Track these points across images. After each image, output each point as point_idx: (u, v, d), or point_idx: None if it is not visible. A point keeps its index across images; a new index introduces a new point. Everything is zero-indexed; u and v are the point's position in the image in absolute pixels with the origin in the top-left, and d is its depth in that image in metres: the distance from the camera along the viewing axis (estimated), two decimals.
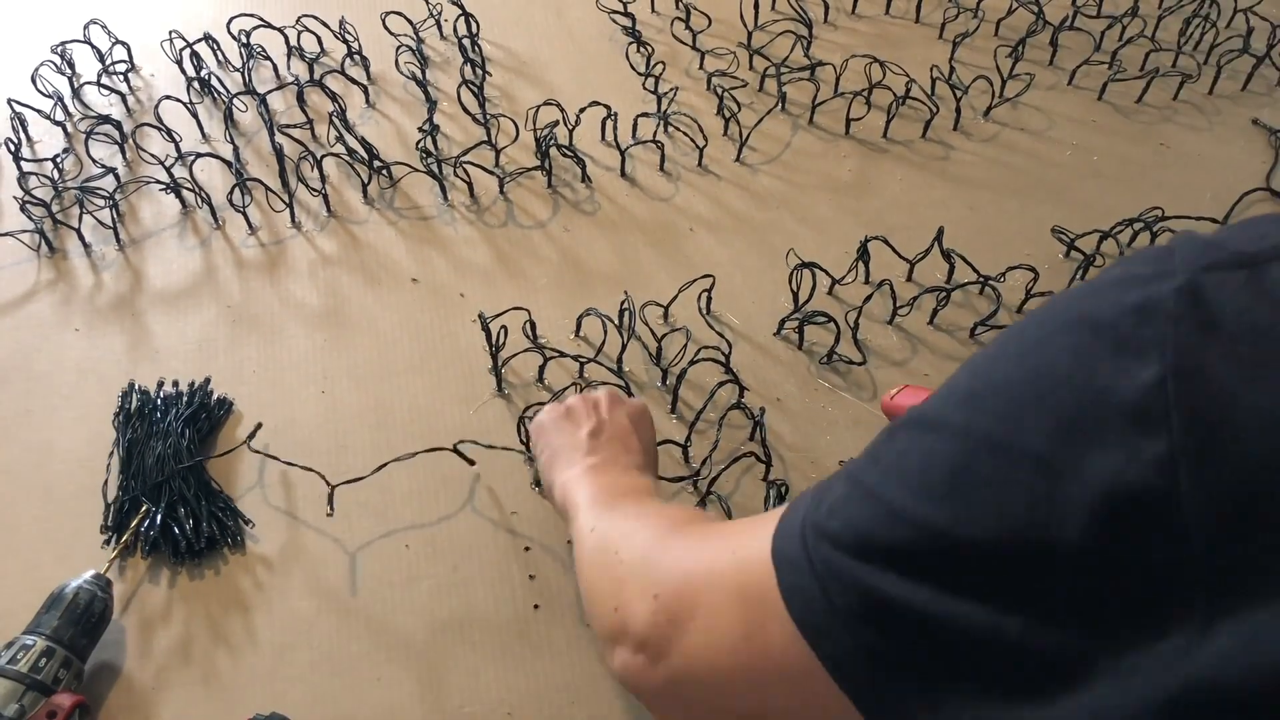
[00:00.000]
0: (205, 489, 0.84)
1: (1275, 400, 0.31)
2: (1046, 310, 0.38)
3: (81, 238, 1.05)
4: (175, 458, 0.85)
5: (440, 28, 1.31)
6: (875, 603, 0.36)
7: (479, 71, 1.23)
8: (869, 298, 0.98)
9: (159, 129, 1.14)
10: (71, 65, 1.24)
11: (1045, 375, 0.35)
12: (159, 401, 0.90)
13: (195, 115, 1.17)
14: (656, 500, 0.65)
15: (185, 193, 1.08)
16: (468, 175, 1.09)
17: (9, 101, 1.16)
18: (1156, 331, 0.33)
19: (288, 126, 1.15)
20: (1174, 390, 0.31)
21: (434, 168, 1.10)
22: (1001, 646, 0.33)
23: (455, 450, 0.84)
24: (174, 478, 0.83)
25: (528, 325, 0.94)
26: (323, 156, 1.08)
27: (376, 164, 1.09)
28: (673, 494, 0.83)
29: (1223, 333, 0.32)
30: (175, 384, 0.92)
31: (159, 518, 0.81)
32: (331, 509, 0.82)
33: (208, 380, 0.92)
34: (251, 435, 0.85)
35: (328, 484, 0.82)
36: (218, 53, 1.25)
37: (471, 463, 0.85)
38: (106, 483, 0.85)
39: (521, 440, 0.86)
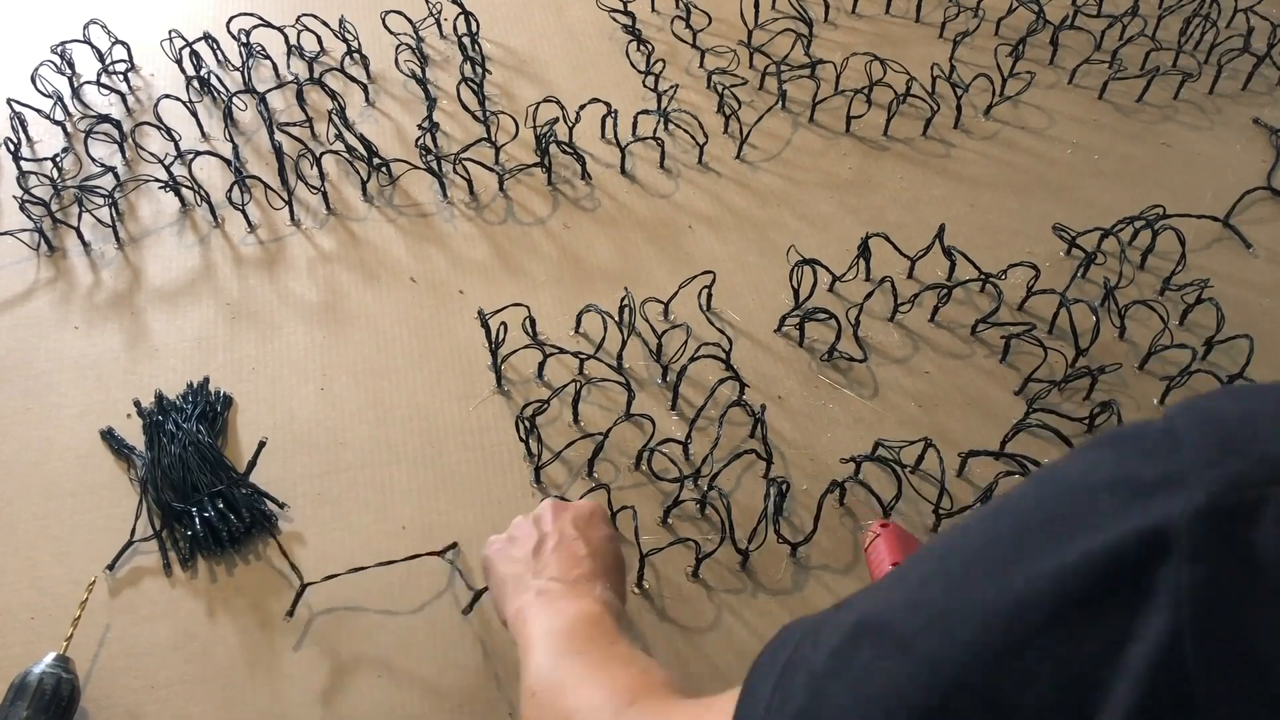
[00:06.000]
0: (231, 479, 0.83)
1: None
2: (1031, 503, 0.32)
3: (81, 236, 1.04)
4: (200, 456, 0.84)
5: (440, 27, 1.31)
6: None
7: (479, 70, 1.23)
8: (870, 295, 0.98)
9: (158, 128, 1.14)
10: (71, 65, 1.24)
11: (1024, 614, 0.30)
12: (164, 409, 0.89)
13: (195, 114, 1.17)
14: (612, 636, 0.59)
15: (184, 191, 1.08)
16: (467, 172, 1.09)
17: (9, 101, 1.16)
18: (1167, 574, 0.27)
19: (287, 125, 1.15)
20: (1194, 653, 0.26)
21: (433, 165, 1.10)
22: None
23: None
24: (201, 473, 0.83)
25: (527, 322, 0.94)
26: (322, 154, 1.08)
27: (376, 161, 1.09)
28: (672, 493, 0.83)
29: (1258, 581, 0.26)
30: (158, 393, 0.91)
31: (196, 516, 0.80)
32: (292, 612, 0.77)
33: (206, 380, 0.92)
34: (254, 458, 0.81)
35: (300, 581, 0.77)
36: (217, 52, 1.25)
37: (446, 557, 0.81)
38: (139, 506, 0.82)
39: (520, 437, 0.86)
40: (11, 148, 1.11)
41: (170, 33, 1.25)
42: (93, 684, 0.73)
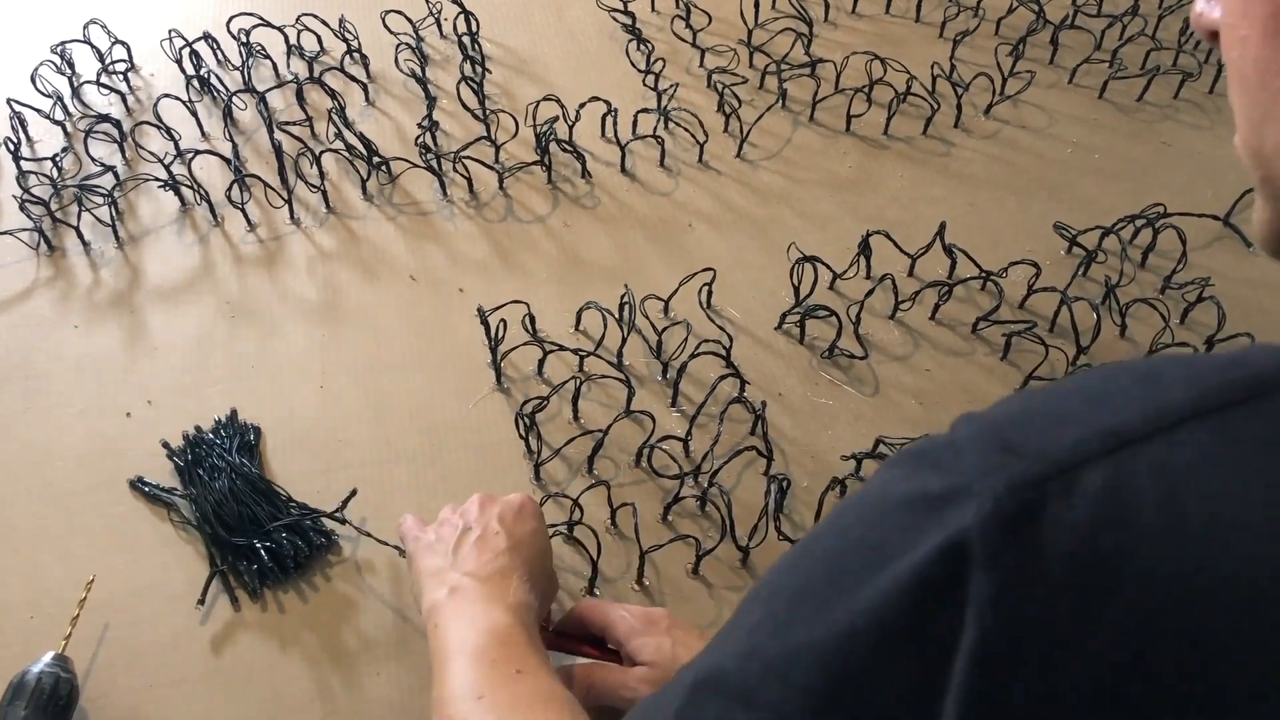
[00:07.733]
0: (287, 508, 0.81)
1: (1106, 660, 0.27)
2: (838, 532, 0.33)
3: (80, 235, 1.04)
4: (251, 488, 0.82)
5: (440, 26, 1.31)
6: None
7: (479, 69, 1.23)
8: (871, 292, 0.98)
9: (158, 127, 1.14)
10: (71, 65, 1.24)
11: (851, 648, 0.30)
12: (199, 443, 0.87)
13: (194, 114, 1.17)
14: (520, 659, 0.60)
15: (184, 190, 1.08)
16: (467, 170, 1.09)
17: (9, 101, 1.15)
18: (969, 585, 0.28)
19: (287, 124, 1.15)
20: (1004, 657, 0.27)
21: (433, 163, 1.10)
22: None
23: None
24: (257, 505, 0.81)
25: (527, 319, 0.94)
26: (322, 153, 1.08)
27: (375, 160, 1.09)
28: (672, 490, 0.83)
29: (1048, 579, 0.27)
30: (189, 434, 0.90)
31: (259, 546, 0.78)
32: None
33: (234, 412, 0.89)
34: (344, 504, 0.81)
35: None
36: (217, 52, 1.25)
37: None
38: (209, 551, 0.79)
39: (520, 434, 0.86)
40: (11, 147, 1.11)
41: (170, 33, 1.25)
42: (91, 683, 0.72)
